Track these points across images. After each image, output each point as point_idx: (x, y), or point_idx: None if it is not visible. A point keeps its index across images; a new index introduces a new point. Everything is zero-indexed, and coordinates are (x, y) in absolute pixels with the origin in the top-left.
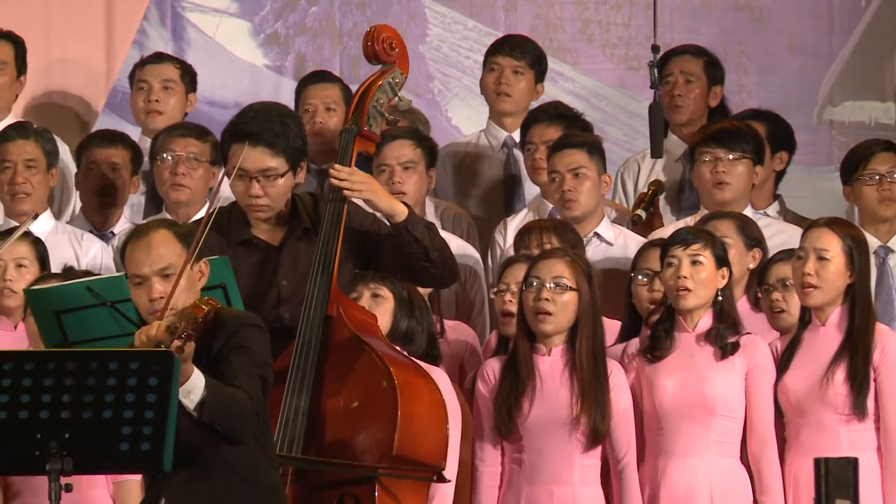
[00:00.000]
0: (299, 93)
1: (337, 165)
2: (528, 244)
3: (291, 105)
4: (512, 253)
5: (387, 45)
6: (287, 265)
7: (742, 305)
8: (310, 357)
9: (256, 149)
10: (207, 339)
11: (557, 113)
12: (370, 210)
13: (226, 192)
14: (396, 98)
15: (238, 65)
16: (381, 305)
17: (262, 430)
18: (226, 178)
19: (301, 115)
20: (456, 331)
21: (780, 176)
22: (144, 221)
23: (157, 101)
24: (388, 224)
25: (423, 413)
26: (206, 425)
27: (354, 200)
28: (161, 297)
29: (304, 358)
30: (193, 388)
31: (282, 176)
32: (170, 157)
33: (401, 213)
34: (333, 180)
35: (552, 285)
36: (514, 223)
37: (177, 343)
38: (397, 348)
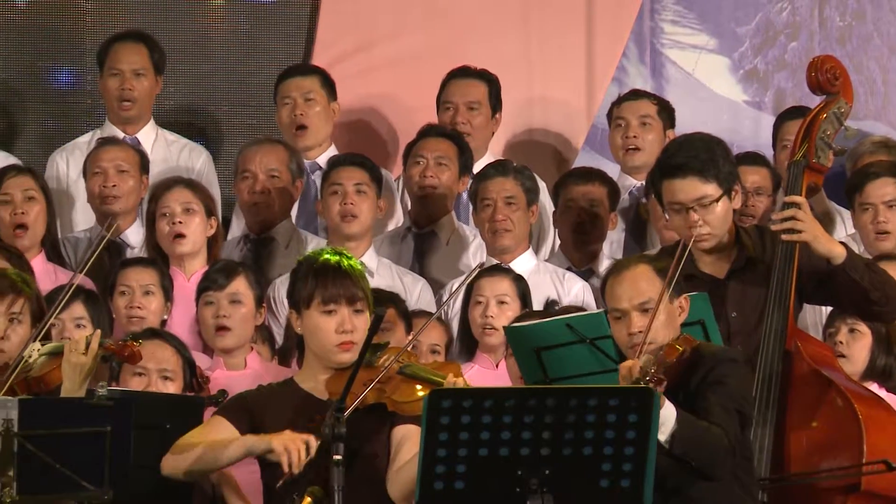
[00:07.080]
0: (777, 129)
1: (791, 197)
2: None
3: (769, 141)
4: None
5: (830, 75)
6: (735, 297)
7: None
8: (771, 392)
9: (686, 179)
10: (685, 375)
11: None
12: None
13: None
14: (842, 128)
15: (716, 101)
16: (858, 341)
17: (741, 467)
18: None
19: (780, 152)
20: None
21: None
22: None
23: (634, 137)
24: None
25: (889, 446)
26: (678, 459)
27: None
28: (640, 332)
29: (765, 393)
30: (665, 420)
31: (717, 201)
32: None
33: (839, 255)
34: (785, 211)
35: None
36: None
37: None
38: (857, 381)
